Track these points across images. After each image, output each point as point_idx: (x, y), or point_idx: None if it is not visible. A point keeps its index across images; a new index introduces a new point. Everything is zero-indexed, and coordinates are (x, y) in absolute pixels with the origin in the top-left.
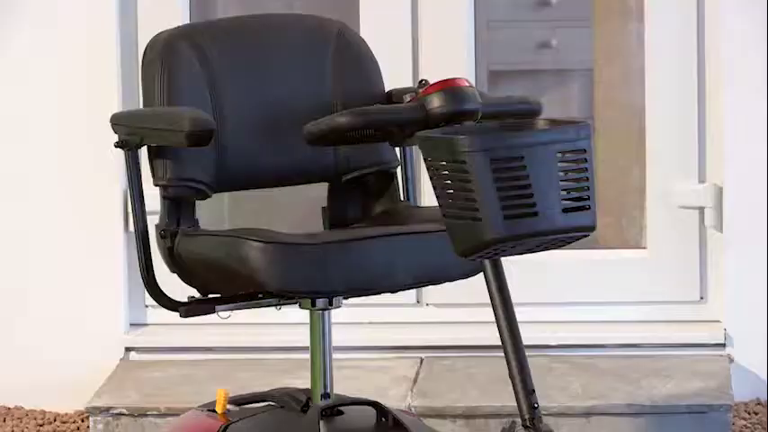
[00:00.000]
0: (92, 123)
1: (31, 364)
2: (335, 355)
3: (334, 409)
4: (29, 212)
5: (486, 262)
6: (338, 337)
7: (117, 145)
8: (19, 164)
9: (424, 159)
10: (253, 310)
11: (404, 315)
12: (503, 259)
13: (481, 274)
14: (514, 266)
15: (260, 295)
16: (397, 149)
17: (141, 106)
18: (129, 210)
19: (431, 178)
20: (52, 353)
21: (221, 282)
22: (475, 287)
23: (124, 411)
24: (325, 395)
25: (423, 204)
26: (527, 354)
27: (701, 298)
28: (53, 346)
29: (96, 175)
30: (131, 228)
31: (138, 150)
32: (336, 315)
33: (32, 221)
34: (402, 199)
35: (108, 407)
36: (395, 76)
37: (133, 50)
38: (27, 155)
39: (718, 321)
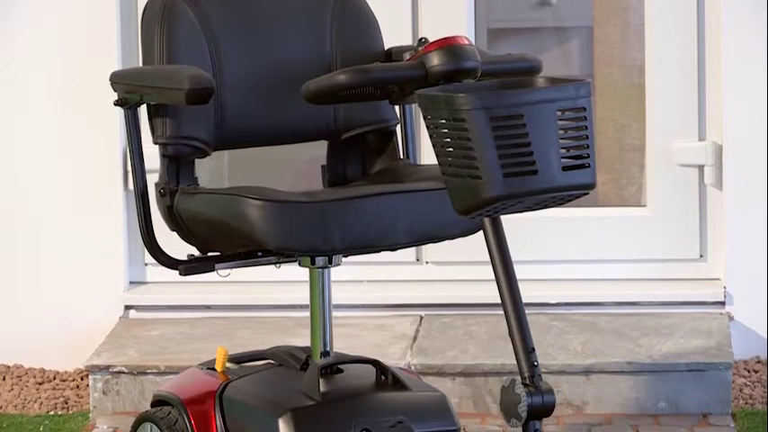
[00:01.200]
0: (91, 82)
1: (30, 323)
2: (335, 314)
3: (333, 368)
4: (28, 171)
5: (486, 220)
6: (338, 295)
7: (116, 103)
8: (19, 122)
9: (424, 117)
10: (252, 268)
11: (403, 273)
12: (502, 217)
13: (481, 232)
14: (514, 224)
15: (259, 253)
16: (397, 108)
17: (141, 64)
18: (129, 168)
19: (430, 136)
20: (52, 311)
21: (221, 240)
22: (474, 245)
23: (124, 369)
24: (325, 353)
25: (422, 162)
26: (527, 312)
27: (701, 256)
28: (53, 304)
29: (96, 134)
30: (131, 186)
31: (138, 109)
32: (336, 273)
33: (32, 180)
34: (401, 157)
35: (107, 365)
36: (394, 35)
37: (133, 8)
38: (27, 113)
39: (718, 279)
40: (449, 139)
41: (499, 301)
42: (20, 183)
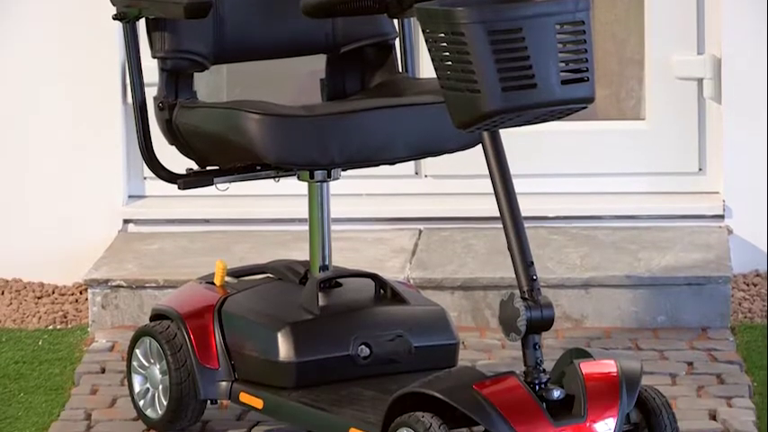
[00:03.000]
0: None
1: (29, 237)
2: (334, 227)
3: (332, 281)
4: (27, 86)
5: (485, 134)
6: (336, 208)
7: (115, 17)
8: (18, 36)
9: (423, 31)
10: (251, 182)
11: (402, 186)
12: (501, 131)
13: (479, 145)
14: (513, 138)
15: (258, 167)
16: (396, 21)
17: None
18: (128, 82)
19: (429, 50)
20: (51, 225)
21: (219, 154)
22: (473, 159)
23: (122, 283)
24: (324, 267)
25: (421, 76)
26: (525, 225)
27: (700, 169)
28: (52, 218)
29: (95, 48)
30: (129, 100)
31: (137, 23)
32: (335, 187)
33: (30, 95)
34: (400, 71)
35: (106, 279)
36: None
37: None
38: (26, 27)
39: (717, 193)
40: (448, 53)
41: (498, 215)
42: (18, 97)
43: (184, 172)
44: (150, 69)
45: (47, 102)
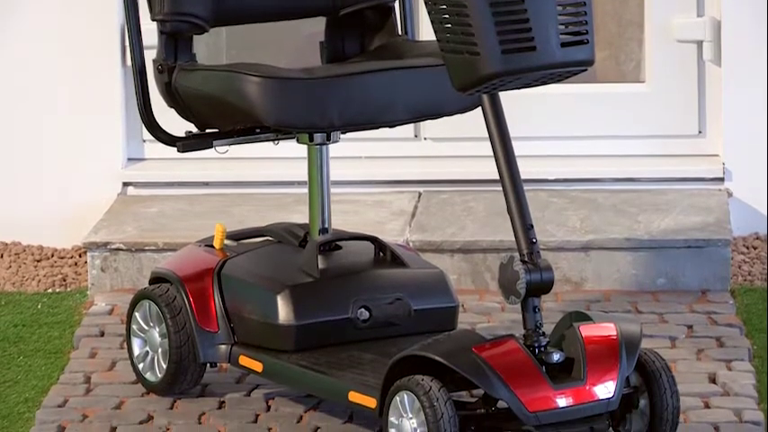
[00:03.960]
0: None
1: (28, 200)
2: (333, 190)
3: (332, 244)
4: (26, 48)
5: (484, 96)
6: (336, 171)
7: None
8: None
9: None
10: (250, 144)
11: (402, 149)
12: (501, 93)
13: (479, 108)
14: (512, 100)
15: (257, 130)
16: None
17: None
18: (127, 44)
19: (429, 13)
20: (50, 188)
21: (219, 117)
22: (473, 121)
23: (122, 246)
24: (323, 230)
25: (420, 39)
26: (525, 188)
27: (700, 132)
28: (51, 181)
29: (94, 10)
30: (129, 62)
31: None
32: (334, 150)
33: (29, 57)
34: (400, 33)
35: (105, 242)
36: None
37: None
38: None
39: (717, 156)
40: (447, 16)
41: (498, 178)
42: (18, 60)
43: (184, 135)
44: (150, 32)
45: (46, 64)
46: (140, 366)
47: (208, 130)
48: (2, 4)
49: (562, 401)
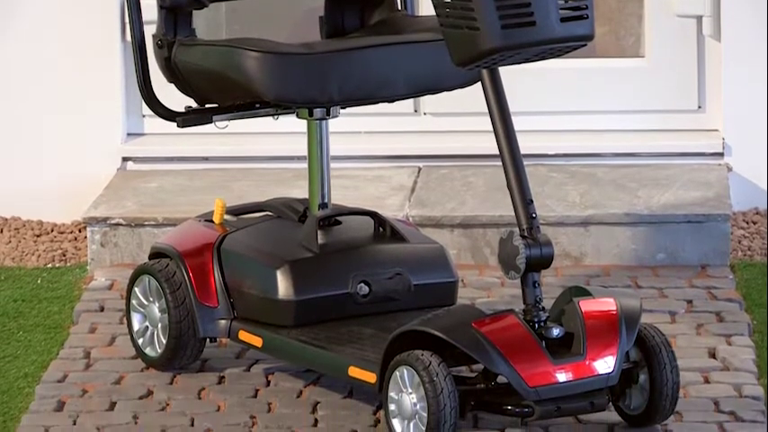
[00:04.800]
0: None
1: (28, 175)
2: (333, 165)
3: (331, 219)
4: (25, 22)
5: (484, 71)
6: (336, 146)
7: None
8: None
9: None
10: (250, 119)
11: (401, 124)
12: (501, 68)
13: (479, 83)
14: (512, 75)
15: (257, 105)
16: None
17: None
18: (127, 19)
19: None
20: (50, 163)
21: (218, 92)
22: (472, 96)
23: (121, 222)
24: (323, 205)
25: (420, 14)
26: (525, 163)
27: (699, 107)
28: (51, 156)
29: None
30: (128, 37)
31: None
32: (334, 124)
33: (28, 32)
34: (399, 8)
35: (105, 217)
36: None
37: None
38: None
39: (716, 131)
40: None
41: (497, 153)
42: (18, 36)
43: (183, 110)
44: (149, 7)
45: (45, 39)
46: (140, 341)
47: (207, 105)
48: None
49: (562, 376)
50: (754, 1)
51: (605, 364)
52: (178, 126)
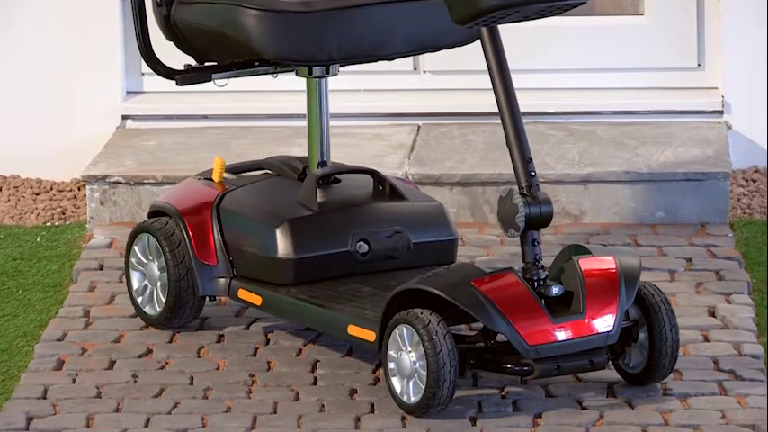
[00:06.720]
0: None
1: (27, 133)
2: (332, 123)
3: (330, 177)
4: None
5: (483, 29)
6: (335, 104)
7: None
8: None
9: None
10: (249, 77)
11: (401, 82)
12: (500, 26)
13: (478, 41)
14: (511, 33)
15: (256, 63)
16: None
17: None
18: None
19: None
20: (49, 121)
21: (217, 50)
22: (472, 54)
23: (121, 180)
24: (322, 163)
25: None
26: (524, 121)
27: (699, 65)
28: (50, 114)
29: None
30: None
31: None
32: (333, 82)
33: None
34: None
35: (104, 175)
36: None
37: None
38: None
39: (716, 89)
40: None
41: (497, 111)
42: None
43: (182, 68)
44: None
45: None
46: (139, 300)
47: (207, 64)
48: None
49: (561, 335)
50: None
51: (605, 323)
52: (177, 84)
